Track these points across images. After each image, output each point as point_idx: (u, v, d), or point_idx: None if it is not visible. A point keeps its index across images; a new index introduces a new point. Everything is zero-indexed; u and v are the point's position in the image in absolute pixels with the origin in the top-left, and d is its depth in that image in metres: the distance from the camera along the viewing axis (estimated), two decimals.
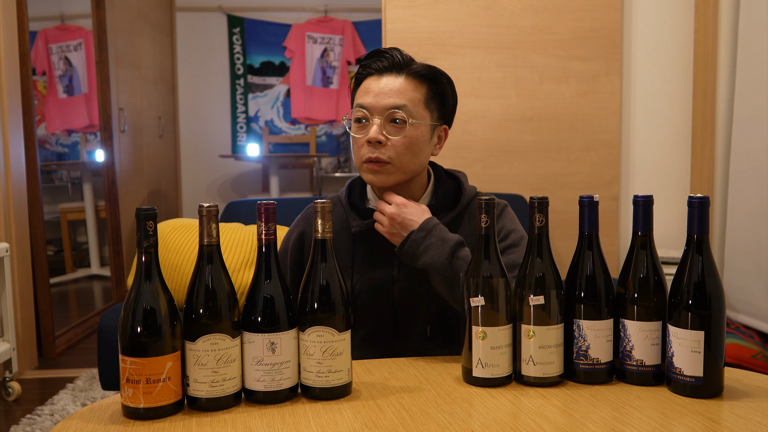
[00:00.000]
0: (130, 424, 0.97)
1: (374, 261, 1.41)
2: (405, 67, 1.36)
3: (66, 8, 4.19)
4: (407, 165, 1.35)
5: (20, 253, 3.07)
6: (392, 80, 1.35)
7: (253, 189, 5.87)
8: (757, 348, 2.32)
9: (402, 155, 1.34)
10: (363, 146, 1.35)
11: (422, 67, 1.37)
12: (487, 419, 0.98)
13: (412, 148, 1.34)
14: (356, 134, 1.37)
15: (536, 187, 2.76)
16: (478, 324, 1.10)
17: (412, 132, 1.34)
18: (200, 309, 1.02)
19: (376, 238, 1.40)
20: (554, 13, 2.71)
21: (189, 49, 5.71)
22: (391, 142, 1.33)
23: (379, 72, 1.37)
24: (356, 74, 1.42)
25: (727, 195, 2.62)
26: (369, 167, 1.35)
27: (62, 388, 2.86)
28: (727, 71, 2.61)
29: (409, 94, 1.35)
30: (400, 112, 1.33)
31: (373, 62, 1.38)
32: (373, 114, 1.34)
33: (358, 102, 1.36)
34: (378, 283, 1.40)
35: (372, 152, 1.33)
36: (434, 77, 1.38)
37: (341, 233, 1.43)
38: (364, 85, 1.38)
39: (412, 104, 1.34)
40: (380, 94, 1.34)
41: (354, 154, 1.39)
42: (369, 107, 1.34)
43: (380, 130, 1.33)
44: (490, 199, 1.11)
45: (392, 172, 1.35)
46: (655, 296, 1.10)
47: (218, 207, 1.05)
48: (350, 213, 1.44)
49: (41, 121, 3.91)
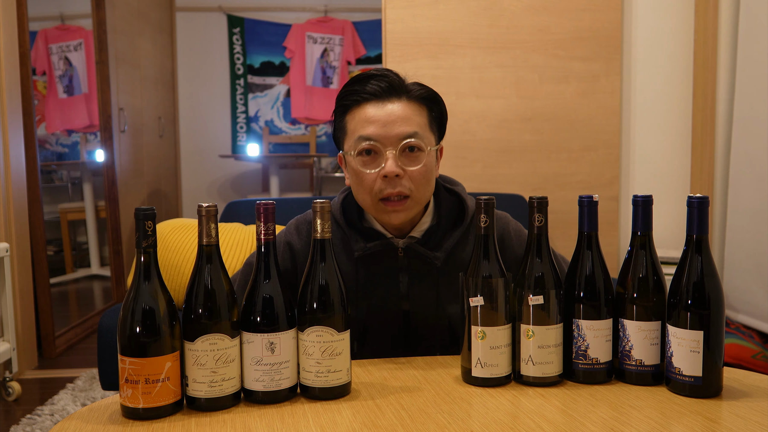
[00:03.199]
0: (130, 425, 0.97)
1: (380, 284, 1.33)
2: (404, 91, 1.26)
3: (66, 8, 4.19)
4: (424, 195, 1.27)
5: (20, 253, 3.07)
6: (396, 106, 1.24)
7: (253, 189, 5.88)
8: (757, 348, 2.32)
9: (420, 186, 1.25)
10: (376, 181, 1.23)
11: (421, 89, 1.28)
12: (487, 419, 0.98)
13: (428, 176, 1.26)
14: (366, 169, 1.24)
15: (536, 187, 2.76)
16: (478, 324, 1.10)
17: (428, 159, 1.25)
18: (199, 309, 1.02)
19: (380, 259, 1.32)
20: (554, 13, 2.71)
21: (189, 49, 5.71)
22: (408, 173, 1.23)
23: (377, 97, 1.24)
24: (342, 101, 1.28)
25: (727, 195, 2.62)
26: (388, 207, 1.24)
27: (62, 388, 2.86)
28: (727, 71, 2.61)
29: (416, 119, 1.25)
30: (415, 140, 1.23)
31: (365, 86, 1.25)
32: (386, 145, 1.23)
33: (363, 134, 1.23)
34: (386, 305, 1.32)
35: (392, 187, 1.22)
36: (433, 98, 1.30)
37: (342, 255, 1.33)
38: (360, 113, 1.25)
39: (421, 130, 1.25)
40: (388, 123, 1.22)
41: (362, 192, 1.27)
42: (379, 138, 1.22)
43: (396, 162, 1.22)
44: (490, 199, 1.11)
45: (412, 207, 1.26)
46: (654, 296, 1.10)
47: (217, 207, 1.05)
48: (350, 234, 1.33)
49: (41, 121, 3.91)
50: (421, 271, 1.33)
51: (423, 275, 1.33)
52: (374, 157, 1.25)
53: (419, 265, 1.32)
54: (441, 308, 1.33)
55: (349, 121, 1.27)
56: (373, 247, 1.30)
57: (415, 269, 1.33)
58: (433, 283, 1.33)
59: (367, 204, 1.28)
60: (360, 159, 1.25)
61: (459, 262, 1.33)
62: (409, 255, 1.32)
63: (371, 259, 1.32)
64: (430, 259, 1.31)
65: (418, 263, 1.32)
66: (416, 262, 1.32)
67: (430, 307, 1.33)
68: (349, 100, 1.27)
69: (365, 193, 1.26)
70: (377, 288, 1.33)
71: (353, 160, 1.26)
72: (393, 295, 1.33)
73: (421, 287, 1.33)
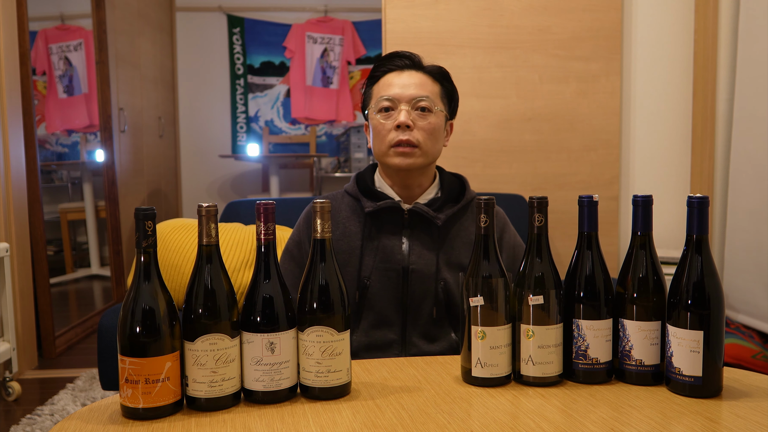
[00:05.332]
0: (129, 425, 0.97)
1: (384, 242, 1.48)
2: (421, 67, 1.51)
3: (66, 8, 4.19)
4: (431, 149, 1.48)
5: (20, 253, 3.07)
6: (413, 75, 1.49)
7: (253, 189, 5.87)
8: (757, 348, 2.32)
9: (427, 139, 1.46)
10: (390, 131, 1.46)
11: (435, 68, 1.52)
12: (487, 419, 0.98)
13: (435, 133, 1.48)
14: (384, 121, 1.47)
15: (536, 187, 2.76)
16: (478, 324, 1.10)
17: (435, 119, 1.47)
18: (199, 309, 1.02)
19: (386, 219, 1.49)
20: (554, 13, 2.71)
21: (189, 49, 5.71)
22: (418, 126, 1.45)
23: (399, 69, 1.50)
24: (373, 72, 1.54)
25: (727, 195, 2.61)
26: (399, 150, 1.45)
27: (62, 388, 2.86)
28: (727, 71, 2.61)
29: (429, 87, 1.49)
30: (425, 100, 1.46)
31: (392, 61, 1.52)
32: (401, 102, 1.46)
33: (383, 94, 1.48)
34: (388, 264, 1.47)
35: (403, 135, 1.44)
36: (445, 76, 1.53)
37: (352, 218, 1.52)
38: (384, 80, 1.51)
39: (432, 95, 1.48)
40: (405, 86, 1.47)
41: (378, 141, 1.49)
42: (396, 97, 1.47)
43: (409, 115, 1.45)
44: (490, 199, 1.11)
45: (419, 155, 1.46)
46: (654, 296, 1.10)
47: (217, 207, 1.05)
48: (362, 198, 1.51)
49: (41, 121, 3.91)
50: (422, 233, 1.49)
51: (424, 237, 1.49)
52: (391, 113, 1.48)
53: (422, 226, 1.49)
54: (438, 271, 1.46)
55: (374, 90, 1.53)
56: (381, 205, 1.48)
57: (418, 230, 1.49)
58: (432, 246, 1.48)
59: (382, 151, 1.48)
60: (380, 115, 1.49)
61: (456, 231, 1.51)
62: (413, 217, 1.49)
63: (378, 218, 1.50)
64: (432, 218, 1.47)
65: (421, 225, 1.49)
66: (419, 223, 1.49)
67: (429, 268, 1.47)
68: (378, 71, 1.53)
69: (381, 142, 1.48)
70: (381, 245, 1.48)
71: (374, 117, 1.49)
72: (395, 253, 1.47)
73: (421, 249, 1.48)
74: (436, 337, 1.47)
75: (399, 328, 1.46)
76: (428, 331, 1.46)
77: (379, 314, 1.47)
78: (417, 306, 1.46)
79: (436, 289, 1.46)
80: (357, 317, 1.48)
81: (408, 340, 1.46)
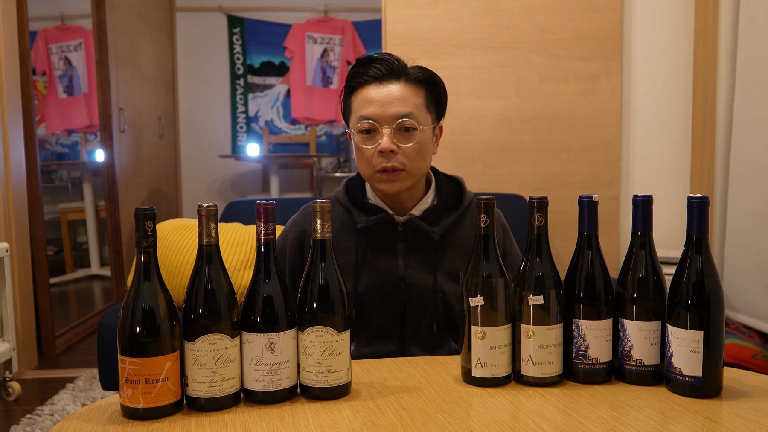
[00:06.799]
0: (129, 425, 0.97)
1: (379, 257, 1.41)
2: (403, 74, 1.37)
3: (66, 8, 4.19)
4: (418, 169, 1.38)
5: (20, 253, 3.07)
6: (394, 88, 1.35)
7: (253, 189, 5.87)
8: (757, 348, 2.32)
9: (414, 161, 1.36)
10: (374, 156, 1.36)
11: (419, 72, 1.38)
12: (487, 419, 0.98)
13: (422, 152, 1.37)
14: (364, 145, 1.37)
15: (536, 187, 2.76)
16: (477, 324, 1.10)
17: (421, 136, 1.36)
18: (199, 309, 1.01)
19: (380, 233, 1.41)
20: (554, 13, 2.71)
21: (189, 49, 5.71)
22: (402, 149, 1.35)
23: (378, 79, 1.36)
24: (349, 82, 1.40)
25: (727, 195, 2.61)
26: (384, 177, 1.36)
27: (62, 388, 2.86)
28: (727, 71, 2.61)
29: (412, 100, 1.36)
30: (409, 120, 1.35)
31: (368, 70, 1.37)
32: (382, 124, 1.35)
33: (363, 114, 1.35)
34: (385, 279, 1.40)
35: (386, 162, 1.35)
36: (431, 80, 1.40)
37: (343, 232, 1.43)
38: (363, 94, 1.37)
39: (417, 110, 1.36)
40: (386, 104, 1.34)
41: (363, 164, 1.39)
42: (376, 118, 1.34)
43: (391, 139, 1.34)
44: (489, 199, 1.11)
45: (405, 178, 1.37)
46: (654, 296, 1.10)
47: (217, 207, 1.05)
48: (354, 211, 1.43)
49: (41, 121, 3.91)
50: (418, 245, 1.42)
51: (420, 250, 1.42)
52: (372, 135, 1.37)
53: (417, 239, 1.42)
54: (436, 283, 1.40)
55: (353, 101, 1.40)
56: (375, 220, 1.40)
57: (413, 243, 1.42)
58: (429, 258, 1.41)
59: (367, 175, 1.40)
60: (360, 136, 1.37)
61: (454, 241, 1.43)
62: (408, 230, 1.41)
63: (372, 233, 1.42)
64: (428, 232, 1.40)
65: (417, 238, 1.42)
66: (414, 236, 1.42)
67: (426, 282, 1.40)
68: (354, 81, 1.39)
69: (365, 165, 1.39)
70: (377, 260, 1.41)
71: (356, 136, 1.38)
72: (391, 268, 1.41)
73: (417, 262, 1.41)
74: (436, 348, 1.43)
75: (398, 340, 1.42)
76: (428, 342, 1.42)
77: (378, 328, 1.42)
78: (416, 318, 1.41)
79: (434, 300, 1.40)
80: (355, 332, 1.43)
81: (407, 351, 1.43)
